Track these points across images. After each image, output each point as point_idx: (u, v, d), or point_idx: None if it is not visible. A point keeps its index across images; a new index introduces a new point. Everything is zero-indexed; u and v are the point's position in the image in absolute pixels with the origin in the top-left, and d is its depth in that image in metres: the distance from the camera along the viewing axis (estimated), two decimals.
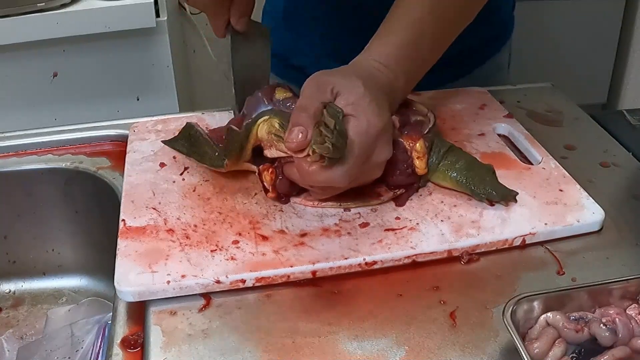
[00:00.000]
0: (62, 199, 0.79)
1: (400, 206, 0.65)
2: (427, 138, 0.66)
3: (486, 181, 0.65)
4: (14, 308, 0.81)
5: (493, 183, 0.65)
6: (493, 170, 0.66)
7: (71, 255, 0.83)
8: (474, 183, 0.65)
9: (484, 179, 0.65)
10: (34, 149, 0.80)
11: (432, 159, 0.67)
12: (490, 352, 0.51)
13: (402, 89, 0.66)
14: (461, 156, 0.67)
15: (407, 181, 0.66)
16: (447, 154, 0.67)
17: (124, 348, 0.53)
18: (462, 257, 0.60)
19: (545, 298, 0.51)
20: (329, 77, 0.61)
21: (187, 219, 0.64)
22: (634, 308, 0.52)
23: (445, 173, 0.66)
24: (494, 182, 0.65)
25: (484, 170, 0.66)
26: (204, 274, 0.57)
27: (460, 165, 0.66)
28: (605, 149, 0.77)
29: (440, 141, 0.68)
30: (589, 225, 0.63)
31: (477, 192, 0.64)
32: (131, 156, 0.74)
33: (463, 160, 0.67)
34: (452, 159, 0.67)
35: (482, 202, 0.64)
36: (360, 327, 0.54)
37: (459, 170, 0.66)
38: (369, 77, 0.62)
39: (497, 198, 0.64)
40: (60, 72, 1.47)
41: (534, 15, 1.90)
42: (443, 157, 0.67)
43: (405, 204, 0.65)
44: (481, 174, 0.65)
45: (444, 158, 0.67)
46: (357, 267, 0.59)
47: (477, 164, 0.67)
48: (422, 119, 0.70)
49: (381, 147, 0.61)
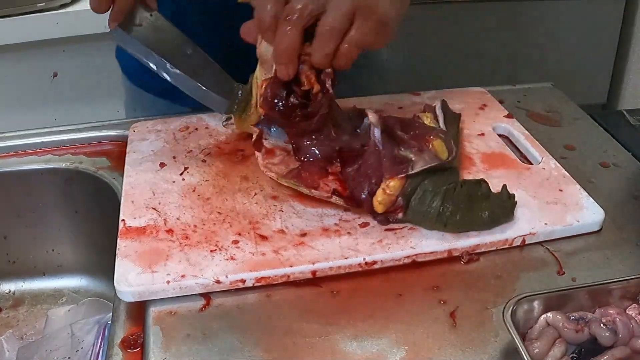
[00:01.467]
0: (62, 199, 0.79)
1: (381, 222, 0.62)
2: (407, 180, 0.61)
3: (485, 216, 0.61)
4: (14, 308, 0.81)
5: (492, 215, 0.61)
6: (488, 193, 0.62)
7: (71, 255, 0.83)
8: (475, 225, 0.61)
9: (480, 216, 0.61)
10: (34, 149, 0.80)
11: (411, 212, 0.61)
12: (490, 352, 0.51)
13: None
14: (455, 207, 0.60)
15: (360, 201, 0.61)
16: (442, 211, 0.60)
17: (124, 348, 0.53)
18: (462, 257, 0.60)
19: (545, 298, 0.51)
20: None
21: (186, 219, 0.64)
22: (634, 308, 0.52)
23: (438, 223, 0.61)
24: (492, 212, 0.61)
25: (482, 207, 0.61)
26: (204, 274, 0.57)
27: (457, 217, 0.60)
28: (605, 149, 0.77)
29: (433, 194, 0.61)
30: (589, 225, 0.63)
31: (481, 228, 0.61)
32: (131, 156, 0.74)
33: (458, 208, 0.60)
34: (446, 213, 0.60)
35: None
36: (360, 327, 0.54)
37: (457, 224, 0.61)
38: None
39: (502, 222, 0.62)
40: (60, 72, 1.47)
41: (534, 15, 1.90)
42: (435, 215, 0.60)
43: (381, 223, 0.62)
44: (477, 216, 0.61)
45: (439, 216, 0.60)
46: (357, 267, 0.59)
47: (475, 204, 0.61)
48: (413, 158, 0.63)
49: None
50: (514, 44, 1.93)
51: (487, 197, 0.62)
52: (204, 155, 0.73)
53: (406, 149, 0.63)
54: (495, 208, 0.62)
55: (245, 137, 0.76)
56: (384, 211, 0.61)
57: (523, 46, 1.94)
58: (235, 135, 0.77)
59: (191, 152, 0.74)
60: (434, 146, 0.64)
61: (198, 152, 0.74)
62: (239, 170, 0.71)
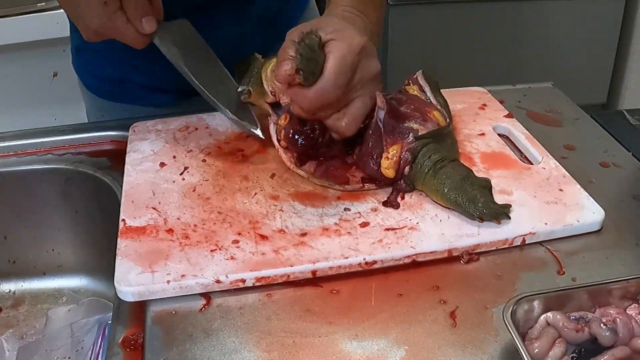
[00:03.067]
0: (62, 199, 0.79)
1: (389, 206, 0.65)
2: (410, 147, 0.66)
3: (477, 200, 0.62)
4: (14, 308, 0.81)
5: (485, 203, 0.62)
6: (489, 186, 0.65)
7: (71, 255, 0.83)
8: (464, 202, 0.62)
9: (475, 197, 0.62)
10: (34, 149, 0.80)
11: (416, 168, 0.65)
12: (490, 352, 0.51)
13: (371, 24, 0.71)
14: (454, 172, 0.65)
15: (375, 176, 0.66)
16: (438, 168, 0.65)
17: (124, 348, 0.53)
18: (462, 257, 0.60)
19: (545, 298, 0.51)
20: (308, 22, 0.66)
21: (187, 219, 0.64)
22: (634, 308, 0.52)
23: (435, 189, 0.64)
24: (486, 202, 0.62)
25: (477, 189, 0.63)
26: (204, 273, 0.57)
27: (450, 182, 0.64)
28: (605, 149, 0.77)
29: (434, 152, 0.66)
30: (589, 225, 0.63)
31: (467, 212, 0.62)
32: (131, 156, 0.74)
33: (455, 176, 0.64)
34: (442, 175, 0.64)
35: (474, 220, 0.62)
36: (360, 327, 0.54)
37: (449, 188, 0.63)
38: (347, 20, 0.68)
39: (488, 217, 0.62)
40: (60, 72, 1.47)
41: (534, 15, 1.90)
42: (432, 170, 0.65)
43: (393, 205, 0.65)
44: (473, 193, 0.63)
45: (435, 172, 0.65)
46: (357, 267, 0.59)
47: (469, 182, 0.64)
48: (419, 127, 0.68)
49: (367, 61, 0.65)
50: (514, 44, 1.93)
51: (488, 189, 0.65)
52: (204, 155, 0.73)
53: (410, 121, 0.68)
54: (489, 204, 0.62)
55: (245, 137, 0.76)
56: (394, 175, 0.66)
57: (523, 46, 1.94)
58: (235, 135, 0.77)
59: (191, 152, 0.74)
60: (435, 116, 0.70)
61: (198, 152, 0.74)
62: (239, 170, 0.71)
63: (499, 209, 0.63)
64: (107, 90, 0.92)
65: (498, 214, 0.62)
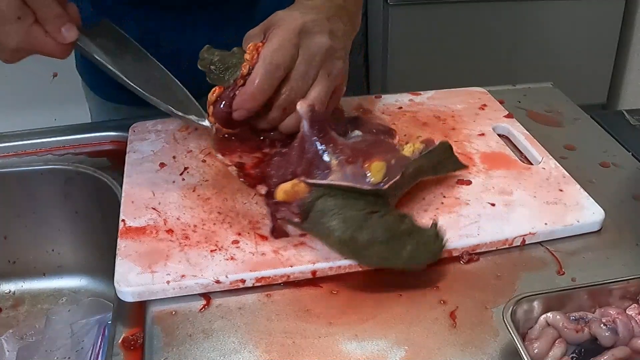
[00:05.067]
0: (62, 199, 0.78)
1: (274, 236, 0.59)
2: (302, 197, 0.57)
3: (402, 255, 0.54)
4: (14, 308, 0.81)
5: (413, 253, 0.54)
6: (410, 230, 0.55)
7: (71, 255, 0.83)
8: (385, 262, 0.55)
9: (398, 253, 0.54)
10: (34, 149, 0.80)
11: (313, 215, 0.56)
12: (490, 352, 0.51)
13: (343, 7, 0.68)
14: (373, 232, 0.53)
15: (263, 184, 0.62)
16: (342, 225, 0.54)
17: (124, 348, 0.53)
18: (462, 257, 0.60)
19: (545, 298, 0.51)
20: (266, 20, 0.65)
21: (186, 219, 0.64)
22: (634, 308, 0.52)
23: (343, 246, 0.55)
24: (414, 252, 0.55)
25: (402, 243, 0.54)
26: (204, 274, 0.57)
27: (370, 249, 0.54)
28: (605, 149, 0.77)
29: (333, 215, 0.55)
30: (589, 225, 0.63)
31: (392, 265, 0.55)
32: (131, 156, 0.74)
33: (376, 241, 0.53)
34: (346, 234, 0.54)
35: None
36: (360, 327, 0.54)
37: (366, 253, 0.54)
38: (303, 6, 0.66)
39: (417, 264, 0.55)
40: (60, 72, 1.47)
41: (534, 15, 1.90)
42: (329, 237, 0.55)
43: (279, 234, 0.59)
44: (394, 252, 0.54)
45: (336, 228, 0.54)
46: (357, 267, 0.59)
47: (395, 242, 0.54)
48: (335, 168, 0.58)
49: (310, 39, 0.62)
50: (514, 44, 1.93)
51: (410, 234, 0.55)
52: (204, 155, 0.73)
53: (332, 155, 0.58)
54: (420, 246, 0.55)
55: None
56: (282, 200, 0.58)
57: (523, 46, 1.94)
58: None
59: (191, 152, 0.74)
60: (371, 167, 0.58)
61: (198, 152, 0.74)
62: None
63: (428, 250, 0.55)
64: (112, 93, 0.92)
65: (432, 253, 0.55)
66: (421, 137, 0.67)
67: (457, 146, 0.74)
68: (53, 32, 0.62)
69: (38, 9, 0.61)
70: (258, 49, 0.62)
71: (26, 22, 0.61)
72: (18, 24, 0.61)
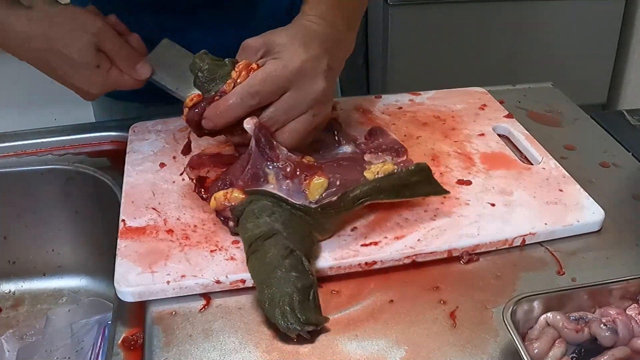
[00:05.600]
0: (62, 199, 0.79)
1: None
2: (234, 205, 0.59)
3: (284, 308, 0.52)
4: (14, 308, 0.81)
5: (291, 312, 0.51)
6: (310, 285, 0.53)
7: (71, 255, 0.83)
8: (265, 303, 0.53)
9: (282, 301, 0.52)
10: (34, 149, 0.80)
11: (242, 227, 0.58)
12: (490, 352, 0.51)
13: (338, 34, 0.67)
14: (266, 257, 0.54)
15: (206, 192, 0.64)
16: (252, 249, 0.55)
17: (124, 348, 0.53)
18: (462, 257, 0.60)
19: (545, 298, 0.51)
20: (261, 38, 0.64)
21: (186, 219, 0.63)
22: (634, 308, 0.52)
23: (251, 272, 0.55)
24: (291, 311, 0.51)
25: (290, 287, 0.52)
26: (204, 274, 0.57)
27: (259, 272, 0.54)
28: (605, 149, 0.77)
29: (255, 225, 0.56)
30: (589, 226, 0.63)
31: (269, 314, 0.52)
32: (131, 156, 0.74)
33: (266, 265, 0.54)
34: (253, 259, 0.55)
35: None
36: (360, 327, 0.54)
37: (258, 279, 0.54)
38: (306, 32, 0.64)
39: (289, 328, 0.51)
40: None
41: (534, 15, 1.90)
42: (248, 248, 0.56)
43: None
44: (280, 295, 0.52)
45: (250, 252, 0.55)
46: (357, 267, 0.59)
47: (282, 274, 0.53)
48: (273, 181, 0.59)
49: (307, 81, 0.61)
50: (514, 44, 1.93)
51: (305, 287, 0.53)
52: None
53: (272, 169, 0.60)
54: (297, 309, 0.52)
55: None
56: (215, 210, 0.60)
57: (523, 46, 1.94)
58: None
59: (191, 152, 0.74)
60: (310, 184, 0.59)
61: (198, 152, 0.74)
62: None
63: (302, 323, 0.51)
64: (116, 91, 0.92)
65: (296, 329, 0.51)
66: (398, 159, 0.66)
67: (457, 146, 0.74)
68: (128, 71, 0.70)
69: (110, 51, 0.68)
70: (249, 70, 0.62)
71: (104, 68, 0.69)
72: (97, 72, 0.68)
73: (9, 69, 1.45)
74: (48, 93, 1.48)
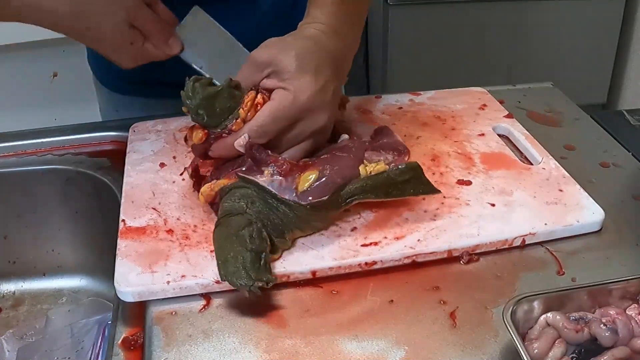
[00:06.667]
0: (62, 199, 0.79)
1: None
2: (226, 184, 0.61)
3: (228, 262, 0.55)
4: (14, 308, 0.81)
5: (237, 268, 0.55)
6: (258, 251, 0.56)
7: (71, 255, 0.83)
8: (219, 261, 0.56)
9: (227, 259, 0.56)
10: (34, 149, 0.80)
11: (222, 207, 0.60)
12: (490, 352, 0.51)
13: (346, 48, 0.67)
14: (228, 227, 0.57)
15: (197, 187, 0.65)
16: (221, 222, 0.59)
17: (124, 348, 0.53)
18: (462, 257, 0.60)
19: (545, 298, 0.51)
20: (268, 55, 0.62)
21: (187, 219, 0.64)
22: (634, 308, 0.52)
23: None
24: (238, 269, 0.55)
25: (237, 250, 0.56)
26: (204, 274, 0.57)
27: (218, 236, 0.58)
28: (605, 149, 0.77)
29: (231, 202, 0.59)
30: (589, 226, 0.63)
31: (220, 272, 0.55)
32: (131, 156, 0.74)
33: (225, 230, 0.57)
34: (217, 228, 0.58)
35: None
36: (360, 327, 0.54)
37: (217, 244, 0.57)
38: (315, 51, 0.63)
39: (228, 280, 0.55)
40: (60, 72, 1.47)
41: (534, 15, 1.90)
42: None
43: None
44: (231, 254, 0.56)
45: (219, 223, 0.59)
46: (357, 267, 0.59)
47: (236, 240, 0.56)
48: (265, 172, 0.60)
49: (313, 116, 0.62)
50: (514, 44, 1.93)
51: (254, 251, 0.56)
52: None
53: (267, 167, 0.61)
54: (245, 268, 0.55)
55: None
56: (205, 202, 0.63)
57: (523, 46, 1.94)
58: None
59: (191, 152, 0.74)
60: (300, 177, 0.60)
61: None
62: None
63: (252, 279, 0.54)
64: (122, 86, 0.92)
65: (247, 285, 0.54)
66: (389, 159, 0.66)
67: (457, 146, 0.74)
68: (160, 46, 0.71)
69: (142, 26, 0.68)
70: (256, 106, 0.61)
71: (137, 44, 0.69)
72: (131, 48, 0.69)
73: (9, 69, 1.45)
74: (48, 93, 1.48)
